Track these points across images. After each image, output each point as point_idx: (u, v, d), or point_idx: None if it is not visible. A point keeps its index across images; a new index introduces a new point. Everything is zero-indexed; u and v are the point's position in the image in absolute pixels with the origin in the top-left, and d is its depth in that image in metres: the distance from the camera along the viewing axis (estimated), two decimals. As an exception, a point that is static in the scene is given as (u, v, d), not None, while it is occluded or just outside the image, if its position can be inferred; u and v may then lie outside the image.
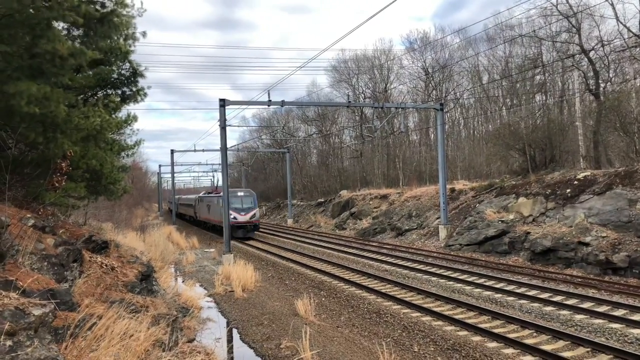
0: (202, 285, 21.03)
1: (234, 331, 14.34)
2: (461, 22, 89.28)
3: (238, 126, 71.46)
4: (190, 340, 11.06)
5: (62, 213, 18.06)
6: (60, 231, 12.68)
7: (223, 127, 25.91)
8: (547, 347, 11.18)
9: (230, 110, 28.02)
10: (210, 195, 47.63)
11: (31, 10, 10.56)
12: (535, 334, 12.20)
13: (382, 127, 48.94)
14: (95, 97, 17.10)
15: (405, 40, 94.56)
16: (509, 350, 11.19)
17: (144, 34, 14.79)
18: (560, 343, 11.47)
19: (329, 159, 70.25)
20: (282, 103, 27.88)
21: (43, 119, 11.30)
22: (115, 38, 14.62)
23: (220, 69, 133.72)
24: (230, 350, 12.84)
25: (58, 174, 13.41)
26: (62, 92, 11.79)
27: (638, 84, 33.09)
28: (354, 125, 61.56)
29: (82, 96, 16.56)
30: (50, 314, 4.96)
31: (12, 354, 4.22)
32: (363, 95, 62.02)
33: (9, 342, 4.30)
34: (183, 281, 21.45)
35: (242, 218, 38.42)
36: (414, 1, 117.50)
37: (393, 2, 16.04)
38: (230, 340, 13.65)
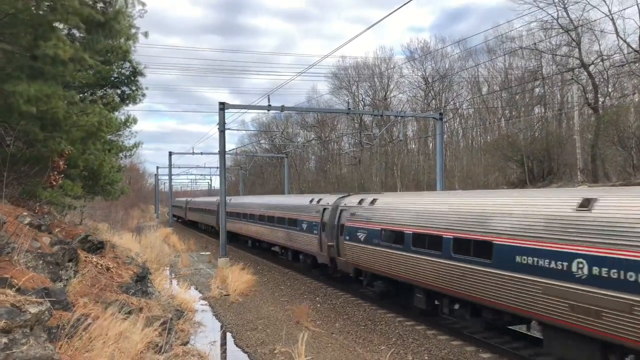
0: (197, 288, 20.93)
1: (228, 335, 14.26)
2: (460, 34, 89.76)
3: (237, 130, 71.93)
4: (184, 343, 11.00)
5: (58, 212, 18.00)
6: (56, 230, 12.63)
7: (222, 131, 25.88)
8: (544, 359, 11.15)
9: (229, 114, 28.06)
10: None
11: (34, 10, 10.58)
12: (529, 344, 12.17)
13: (381, 135, 49.03)
14: (95, 95, 17.09)
15: (406, 50, 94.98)
16: (504, 362, 11.17)
17: (146, 34, 14.81)
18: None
19: (327, 165, 70.27)
20: (282, 108, 27.88)
21: (42, 116, 11.28)
22: (117, 39, 14.65)
23: (221, 73, 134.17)
24: (224, 354, 12.77)
25: (55, 172, 13.37)
26: (62, 91, 11.78)
27: (637, 99, 33.30)
28: (353, 132, 61.66)
29: (81, 94, 16.56)
30: (46, 312, 4.92)
31: (7, 352, 4.18)
32: (363, 103, 62.16)
33: (4, 340, 4.26)
34: (178, 283, 21.34)
35: None
36: (413, 12, 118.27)
37: (393, 12, 16.18)
38: (224, 344, 13.58)
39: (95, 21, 11.39)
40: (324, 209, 20.16)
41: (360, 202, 17.35)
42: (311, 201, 22.15)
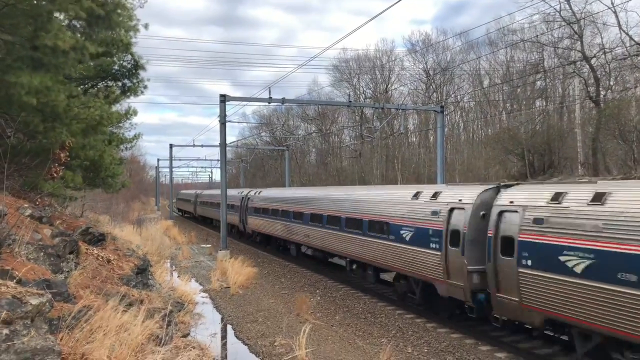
0: (198, 281, 21.01)
1: (229, 327, 14.33)
2: (462, 26, 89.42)
3: (238, 122, 71.58)
4: (185, 335, 11.04)
5: (59, 204, 18.02)
6: (57, 222, 12.65)
7: (223, 123, 25.85)
8: (540, 352, 11.20)
9: (230, 107, 27.93)
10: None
11: (34, 0, 10.53)
12: (527, 338, 12.21)
13: (381, 127, 48.95)
14: (96, 88, 17.05)
15: (407, 42, 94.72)
16: (502, 354, 11.22)
17: (146, 26, 14.75)
18: (556, 348, 11.47)
19: (328, 158, 70.23)
20: (283, 100, 27.82)
21: (42, 108, 11.26)
22: (117, 31, 14.59)
23: (222, 64, 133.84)
24: (224, 346, 12.84)
25: (56, 164, 13.36)
26: (63, 82, 11.76)
27: (638, 93, 33.17)
28: (353, 125, 61.57)
29: (82, 87, 16.54)
30: (47, 303, 4.94)
31: (9, 343, 4.20)
32: (364, 96, 62.01)
33: (5, 331, 4.28)
34: (178, 276, 21.43)
35: None
36: (415, 4, 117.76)
37: (394, 4, 16.08)
38: (224, 336, 13.65)
39: (96, 14, 11.34)
40: (452, 209, 12.89)
41: (557, 198, 10.22)
42: (416, 195, 14.71)
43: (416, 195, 14.86)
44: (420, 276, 14.08)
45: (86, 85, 17.67)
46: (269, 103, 28.30)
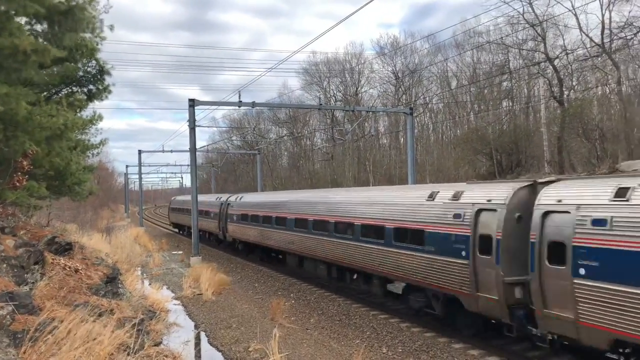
0: (170, 288, 20.65)
1: (202, 334, 14.12)
2: (429, 29, 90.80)
3: (208, 127, 71.13)
4: (157, 344, 10.83)
5: (23, 213, 17.50)
6: (21, 232, 12.30)
7: (192, 128, 25.58)
8: (512, 348, 11.39)
9: (200, 111, 27.75)
10: None
11: None
12: (499, 334, 12.39)
13: (353, 130, 49.19)
14: (60, 95, 16.62)
15: (376, 45, 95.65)
16: (475, 352, 11.36)
17: (111, 27, 14.44)
18: (526, 344, 11.67)
19: (300, 162, 70.18)
20: (253, 104, 27.69)
21: (2, 117, 10.91)
22: (81, 34, 14.25)
23: (191, 69, 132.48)
24: (198, 353, 12.65)
25: (19, 173, 12.98)
26: (23, 89, 11.41)
27: (599, 93, 34.23)
28: (325, 127, 61.75)
29: (45, 93, 16.09)
30: (7, 316, 4.78)
31: (-34, 359, 4.03)
32: (334, 98, 62.25)
33: (-38, 346, 4.11)
34: (150, 284, 21.04)
35: None
36: (382, 8, 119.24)
37: (362, 7, 16.17)
38: (198, 343, 13.44)
39: (58, 11, 11.01)
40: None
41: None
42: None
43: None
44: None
45: (50, 92, 17.19)
46: (239, 107, 28.12)
